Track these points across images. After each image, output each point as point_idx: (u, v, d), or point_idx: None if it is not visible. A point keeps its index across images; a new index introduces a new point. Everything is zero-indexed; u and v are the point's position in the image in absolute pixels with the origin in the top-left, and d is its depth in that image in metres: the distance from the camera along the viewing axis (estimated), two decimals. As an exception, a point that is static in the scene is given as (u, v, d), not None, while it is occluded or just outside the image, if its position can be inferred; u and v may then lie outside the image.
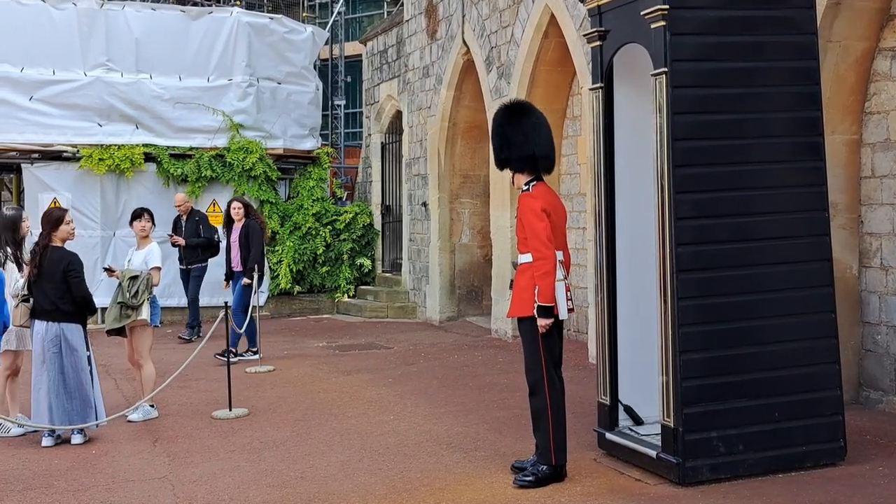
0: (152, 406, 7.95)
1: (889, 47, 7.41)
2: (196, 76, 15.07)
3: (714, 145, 5.68)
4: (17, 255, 7.52)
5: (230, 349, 10.34)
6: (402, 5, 15.97)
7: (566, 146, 11.67)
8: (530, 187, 5.81)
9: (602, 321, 6.21)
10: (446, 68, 13.67)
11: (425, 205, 14.44)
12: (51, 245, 7.11)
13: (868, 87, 7.56)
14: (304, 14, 21.59)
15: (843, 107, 7.54)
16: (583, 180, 11.05)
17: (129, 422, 7.67)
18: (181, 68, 14.96)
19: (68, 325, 7.06)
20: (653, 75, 5.61)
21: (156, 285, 7.89)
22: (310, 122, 16.38)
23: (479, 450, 6.57)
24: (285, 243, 15.57)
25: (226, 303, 8.96)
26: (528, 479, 5.67)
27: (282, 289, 15.48)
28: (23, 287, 7.20)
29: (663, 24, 5.49)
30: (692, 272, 5.55)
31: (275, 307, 15.52)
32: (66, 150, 14.28)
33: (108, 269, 8.05)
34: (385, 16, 20.51)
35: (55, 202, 13.47)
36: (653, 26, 5.56)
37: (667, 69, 5.50)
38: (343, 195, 18.21)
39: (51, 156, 14.33)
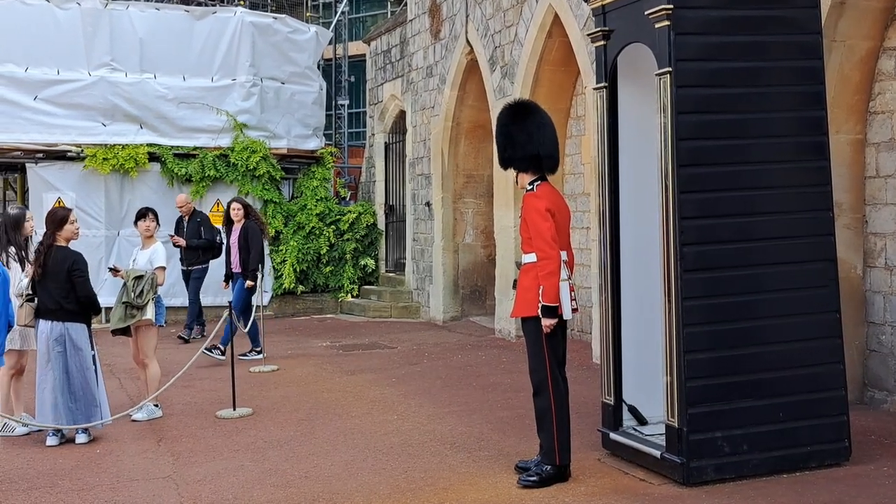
0: (157, 405, 7.96)
1: (894, 47, 7.40)
2: (200, 76, 15.07)
3: (719, 145, 5.67)
4: (21, 254, 7.53)
5: (217, 346, 10.39)
6: (405, 5, 15.96)
7: (570, 146, 11.66)
8: (534, 187, 5.80)
9: (606, 321, 6.20)
10: (450, 68, 13.66)
11: (429, 204, 14.43)
12: (55, 245, 7.12)
13: (873, 86, 7.55)
14: (308, 14, 21.58)
15: (848, 106, 7.53)
16: (586, 180, 11.04)
17: (134, 421, 7.68)
18: (185, 68, 14.97)
19: (73, 325, 7.06)
20: (657, 75, 5.60)
21: (160, 285, 7.90)
22: (313, 122, 16.38)
23: (482, 450, 6.57)
24: (289, 243, 15.57)
25: (229, 302, 8.97)
26: (532, 479, 5.66)
27: (285, 288, 15.49)
28: (27, 286, 7.20)
29: (667, 23, 5.49)
30: (697, 272, 5.54)
31: (278, 307, 15.53)
32: (70, 150, 14.30)
33: (113, 269, 8.06)
34: (388, 15, 20.51)
35: (59, 202, 13.50)
36: (657, 26, 5.56)
37: (671, 69, 5.50)
38: (347, 195, 18.22)
39: (55, 155, 14.34)
